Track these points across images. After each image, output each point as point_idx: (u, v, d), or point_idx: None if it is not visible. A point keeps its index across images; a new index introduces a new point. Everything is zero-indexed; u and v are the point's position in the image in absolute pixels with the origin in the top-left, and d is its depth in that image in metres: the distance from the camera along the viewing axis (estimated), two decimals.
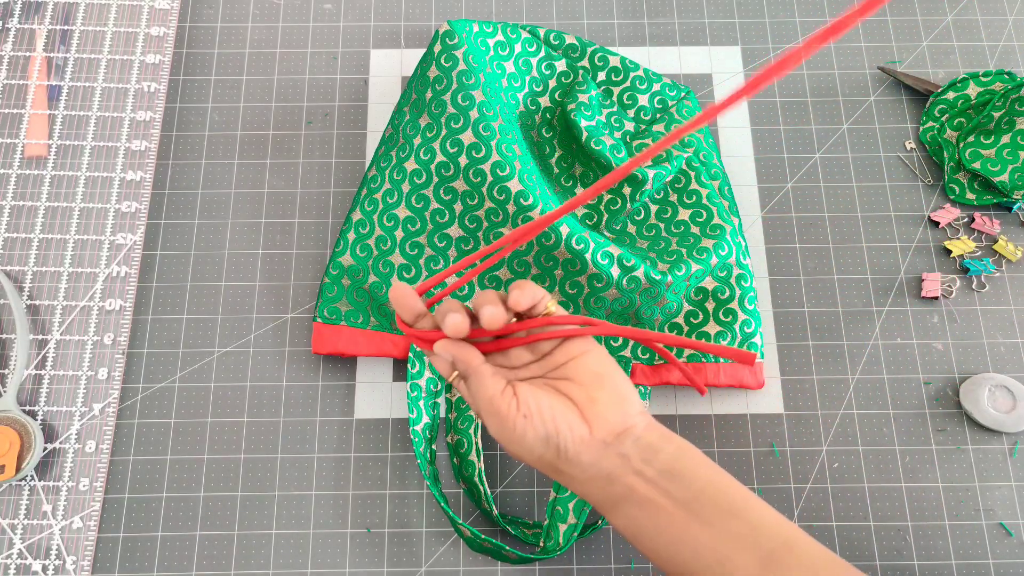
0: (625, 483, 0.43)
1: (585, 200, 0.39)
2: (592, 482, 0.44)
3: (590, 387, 0.44)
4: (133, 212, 0.66)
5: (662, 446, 0.44)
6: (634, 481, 0.43)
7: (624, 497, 0.44)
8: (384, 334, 0.61)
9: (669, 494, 0.43)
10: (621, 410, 0.44)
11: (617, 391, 0.45)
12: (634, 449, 0.43)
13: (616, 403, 0.44)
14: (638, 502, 0.43)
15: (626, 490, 0.43)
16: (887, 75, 0.72)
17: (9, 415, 0.59)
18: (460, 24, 0.64)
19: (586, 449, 0.43)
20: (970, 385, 0.62)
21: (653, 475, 0.43)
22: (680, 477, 0.43)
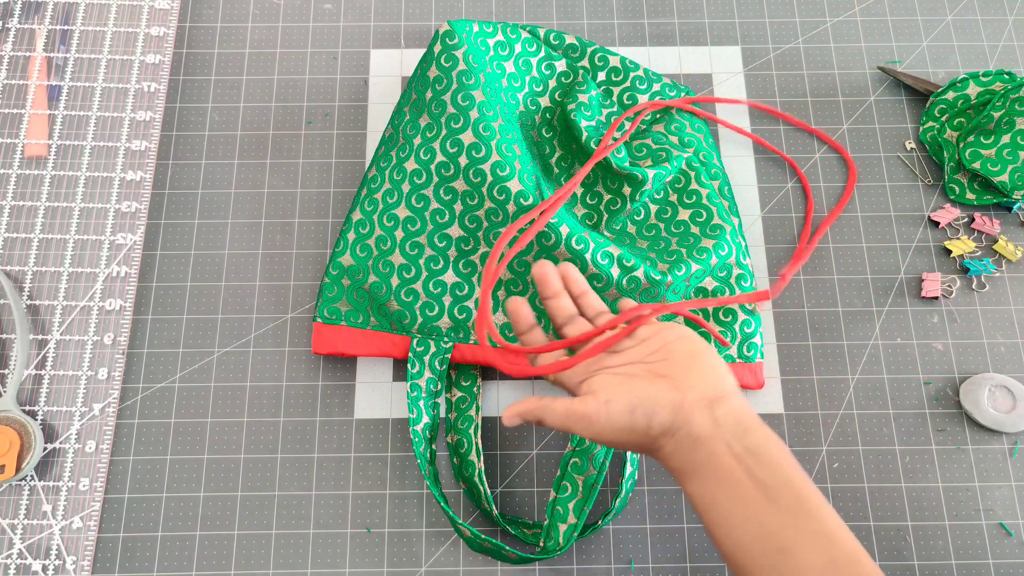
0: (710, 449, 0.44)
1: (570, 189, 0.40)
2: (679, 446, 0.45)
3: (685, 363, 0.47)
4: (133, 212, 0.66)
5: (754, 428, 0.45)
6: (721, 449, 0.44)
7: (706, 464, 0.45)
8: (384, 334, 0.61)
9: (752, 473, 0.44)
10: (715, 381, 0.46)
11: (713, 367, 0.47)
12: (727, 420, 0.45)
13: (710, 374, 0.47)
14: (719, 472, 0.44)
15: (709, 457, 0.45)
16: (887, 75, 0.72)
17: (9, 415, 0.59)
18: (460, 24, 0.64)
19: (677, 410, 0.45)
20: (970, 385, 0.62)
21: (740, 450, 0.44)
22: (766, 461, 0.44)
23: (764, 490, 0.43)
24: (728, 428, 0.45)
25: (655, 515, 0.60)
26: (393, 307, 0.61)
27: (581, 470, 0.58)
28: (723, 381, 0.47)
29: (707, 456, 0.45)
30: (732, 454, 0.44)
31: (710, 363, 0.47)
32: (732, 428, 0.45)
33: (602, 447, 0.58)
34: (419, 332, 0.61)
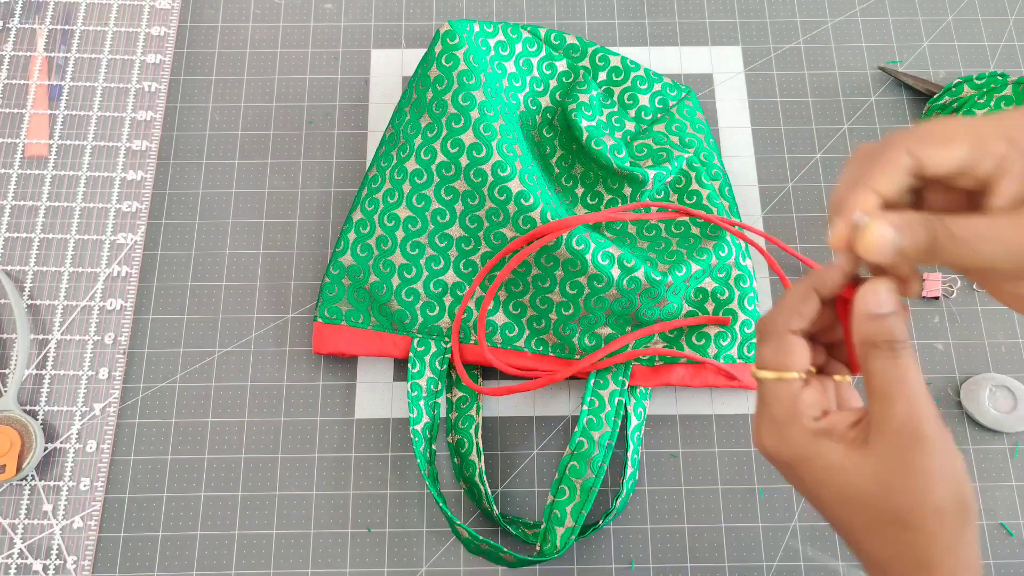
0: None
1: (595, 219, 0.40)
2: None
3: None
4: (134, 212, 0.66)
5: None
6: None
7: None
8: (384, 334, 0.61)
9: None
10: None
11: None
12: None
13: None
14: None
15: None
16: (888, 75, 0.72)
17: (10, 415, 0.59)
18: (461, 24, 0.64)
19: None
20: (971, 385, 0.62)
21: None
22: None
23: None
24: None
25: (656, 515, 0.60)
26: (394, 307, 0.61)
27: (579, 473, 0.58)
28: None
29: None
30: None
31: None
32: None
33: (600, 451, 0.58)
34: (419, 332, 0.61)
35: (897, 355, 0.34)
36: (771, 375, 0.36)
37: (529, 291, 0.61)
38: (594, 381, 0.60)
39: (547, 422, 0.62)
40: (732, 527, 0.59)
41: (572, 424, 0.62)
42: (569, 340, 0.61)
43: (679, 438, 0.62)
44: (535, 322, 0.61)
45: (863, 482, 0.33)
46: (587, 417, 0.59)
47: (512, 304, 0.62)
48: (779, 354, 0.35)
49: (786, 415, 0.35)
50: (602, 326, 0.61)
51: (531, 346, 0.61)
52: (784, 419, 0.35)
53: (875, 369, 0.34)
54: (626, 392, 0.60)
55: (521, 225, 0.59)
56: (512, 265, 0.58)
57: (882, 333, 0.34)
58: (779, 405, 0.35)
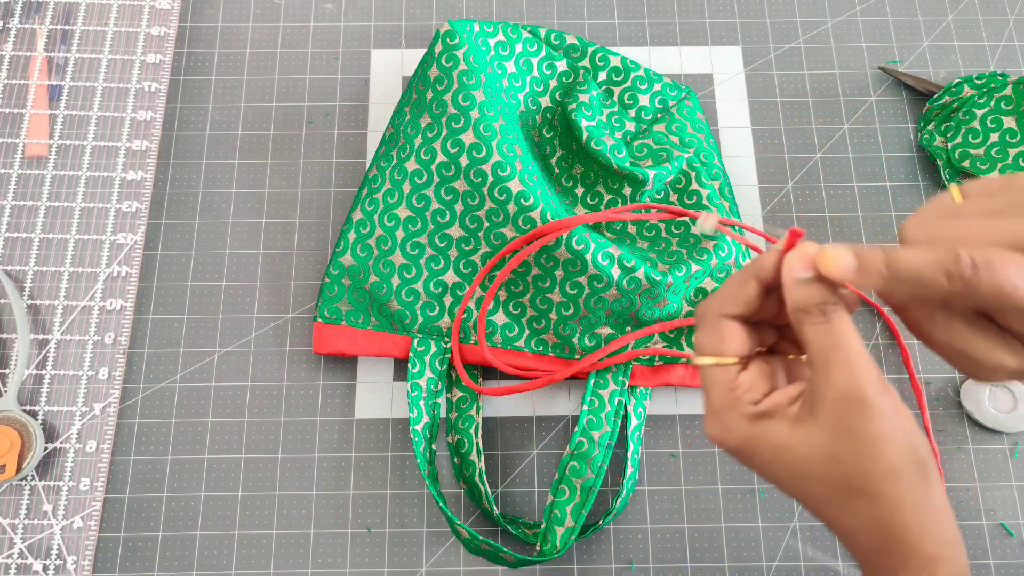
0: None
1: (595, 219, 0.40)
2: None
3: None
4: (134, 212, 0.66)
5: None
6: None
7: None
8: (384, 334, 0.61)
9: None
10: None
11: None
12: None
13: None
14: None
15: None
16: (888, 75, 0.72)
17: (10, 415, 0.59)
18: (461, 24, 0.64)
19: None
20: (971, 385, 0.62)
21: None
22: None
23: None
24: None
25: (656, 515, 0.60)
26: (394, 307, 0.61)
27: (579, 474, 0.58)
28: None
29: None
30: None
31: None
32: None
33: (600, 451, 0.58)
34: (420, 332, 0.61)
35: (829, 319, 0.33)
36: (708, 360, 0.35)
37: (529, 291, 0.61)
38: (594, 381, 0.60)
39: (547, 422, 0.62)
40: (732, 527, 0.59)
41: (572, 424, 0.62)
42: (569, 340, 0.61)
43: (679, 438, 0.62)
44: (535, 322, 0.61)
45: (812, 456, 0.33)
46: (587, 417, 0.59)
47: (512, 304, 0.62)
48: (714, 339, 0.35)
49: (724, 401, 0.35)
50: (602, 326, 0.61)
51: (531, 346, 0.61)
52: (722, 405, 0.35)
53: (810, 337, 0.33)
54: (626, 392, 0.60)
55: (521, 225, 0.60)
56: (512, 265, 0.59)
57: (811, 297, 0.33)
58: (716, 391, 0.35)
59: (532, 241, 0.59)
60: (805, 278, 0.33)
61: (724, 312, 0.35)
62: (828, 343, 0.33)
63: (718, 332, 0.35)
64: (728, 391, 0.34)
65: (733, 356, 0.35)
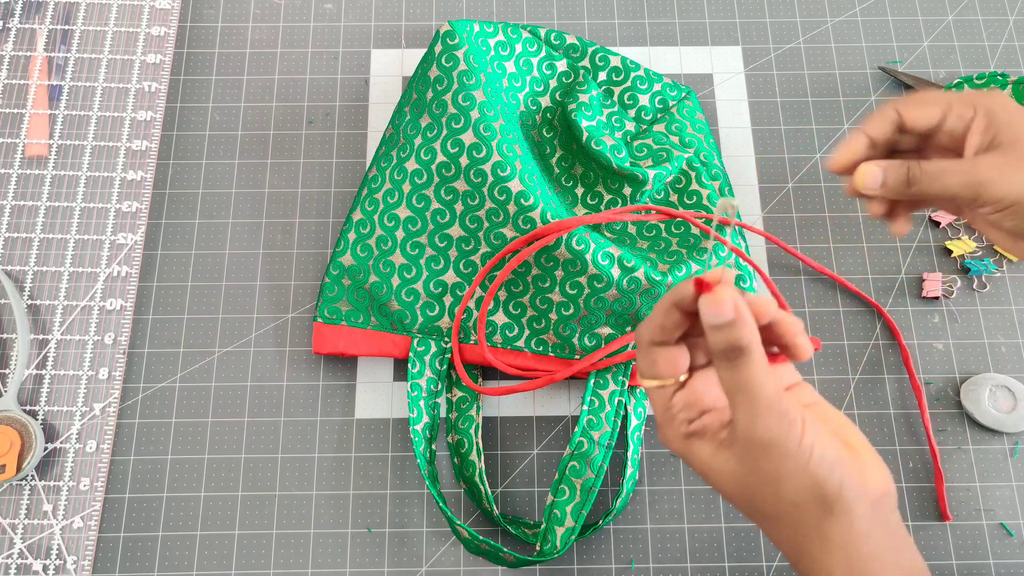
0: (869, 551, 0.36)
1: (595, 220, 0.40)
2: (844, 533, 0.36)
3: (847, 435, 0.38)
4: (134, 212, 0.66)
5: (907, 548, 0.37)
6: (876, 553, 0.36)
7: (856, 561, 0.36)
8: (384, 334, 0.61)
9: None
10: (883, 470, 0.38)
11: (873, 452, 0.38)
12: (895, 527, 0.37)
13: (877, 462, 0.38)
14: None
15: (868, 558, 0.36)
16: (888, 75, 0.72)
17: (10, 415, 0.59)
18: (461, 24, 0.64)
19: (862, 498, 0.36)
20: (971, 385, 0.62)
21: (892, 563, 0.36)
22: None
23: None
24: (890, 535, 0.37)
25: (656, 515, 0.60)
26: (394, 307, 0.61)
27: (579, 473, 0.58)
28: (884, 470, 0.38)
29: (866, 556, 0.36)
30: (886, 563, 0.36)
31: (868, 445, 0.38)
32: (893, 538, 0.37)
33: (600, 451, 0.58)
34: (419, 332, 0.61)
35: (734, 364, 0.35)
36: (648, 383, 0.38)
37: (529, 291, 0.61)
38: (594, 381, 0.60)
39: (547, 422, 0.62)
40: (732, 527, 0.59)
41: (572, 424, 0.62)
42: (569, 340, 0.61)
43: None
44: (535, 322, 0.61)
45: (728, 482, 0.36)
46: (587, 417, 0.59)
47: (512, 304, 0.62)
48: (648, 364, 0.37)
49: (662, 417, 0.38)
50: (602, 326, 0.61)
51: (531, 346, 0.61)
52: (661, 421, 0.38)
53: (720, 375, 0.35)
54: (626, 392, 0.60)
55: (521, 225, 0.60)
56: (512, 265, 0.59)
57: (720, 342, 0.35)
58: (657, 408, 0.38)
59: (532, 242, 0.59)
60: (715, 323, 0.34)
61: (653, 339, 0.37)
62: (733, 385, 0.35)
63: (650, 358, 0.37)
64: (665, 409, 0.37)
65: (667, 378, 0.37)
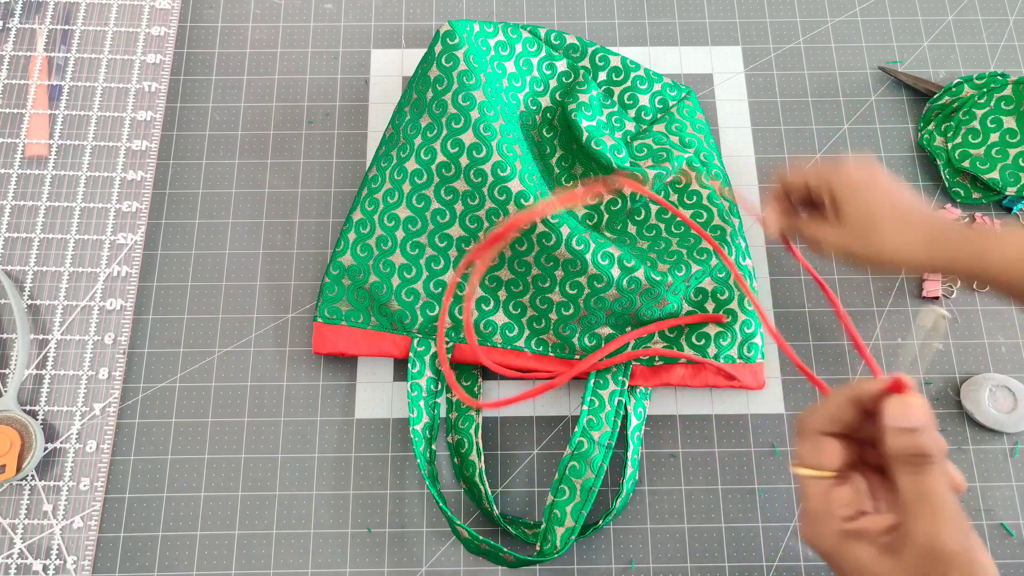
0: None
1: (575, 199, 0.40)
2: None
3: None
4: (134, 212, 0.66)
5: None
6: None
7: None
8: (384, 334, 0.61)
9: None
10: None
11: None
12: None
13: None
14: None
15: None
16: (888, 75, 0.72)
17: (10, 415, 0.59)
18: (461, 24, 0.64)
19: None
20: (971, 385, 0.62)
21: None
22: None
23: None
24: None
25: (656, 515, 0.60)
26: (394, 307, 0.61)
27: (579, 474, 0.58)
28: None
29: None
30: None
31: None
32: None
33: (600, 451, 0.58)
34: (420, 332, 0.61)
35: (920, 471, 0.35)
36: (806, 472, 0.37)
37: (529, 291, 0.61)
38: (594, 381, 0.60)
39: (547, 422, 0.62)
40: (732, 527, 0.59)
41: (572, 424, 0.62)
42: (569, 340, 0.61)
43: (679, 438, 0.62)
44: (535, 322, 0.61)
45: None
46: (587, 417, 0.59)
47: (512, 304, 0.62)
48: (813, 453, 0.37)
49: (818, 510, 0.37)
50: (602, 326, 0.61)
51: (531, 346, 0.61)
52: (817, 514, 0.37)
53: (901, 482, 0.35)
54: (626, 392, 0.60)
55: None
56: (489, 248, 0.57)
57: (907, 448, 0.35)
58: (813, 500, 0.37)
59: (504, 236, 0.59)
60: (904, 426, 0.35)
61: (822, 429, 0.37)
62: (916, 492, 0.35)
63: (817, 447, 0.37)
64: (823, 502, 0.36)
65: (830, 471, 0.37)
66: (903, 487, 0.35)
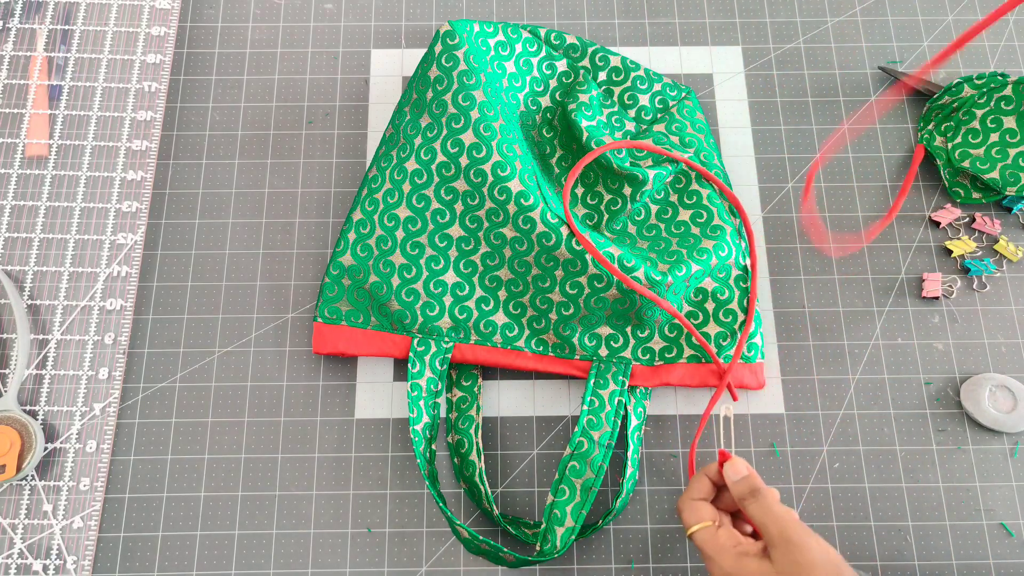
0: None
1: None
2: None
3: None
4: (134, 212, 0.66)
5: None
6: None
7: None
8: (384, 334, 0.61)
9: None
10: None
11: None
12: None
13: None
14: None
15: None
16: (888, 75, 0.72)
17: (10, 415, 0.59)
18: (461, 24, 0.64)
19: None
20: (971, 385, 0.62)
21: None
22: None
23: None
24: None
25: (656, 515, 0.60)
26: (394, 307, 0.61)
27: (579, 474, 0.58)
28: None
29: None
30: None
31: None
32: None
33: (600, 451, 0.58)
34: (420, 332, 0.61)
35: (757, 498, 0.50)
36: (695, 527, 0.51)
37: (529, 291, 0.61)
38: (594, 381, 0.60)
39: (547, 422, 0.62)
40: None
41: (572, 424, 0.62)
42: (569, 340, 0.61)
43: (679, 438, 0.62)
44: (535, 322, 0.61)
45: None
46: (587, 417, 0.59)
47: (512, 304, 0.62)
48: (694, 514, 0.52)
49: (714, 549, 0.50)
50: (602, 326, 0.61)
51: (531, 346, 0.61)
52: (714, 552, 0.50)
53: (750, 511, 0.50)
54: (626, 392, 0.60)
55: (521, 225, 0.60)
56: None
57: (744, 489, 0.51)
58: (707, 545, 0.50)
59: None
60: (736, 480, 0.52)
61: (692, 498, 0.53)
62: (762, 512, 0.50)
63: (694, 509, 0.52)
64: (714, 544, 0.50)
65: (708, 521, 0.51)
66: (752, 514, 0.50)
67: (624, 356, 0.61)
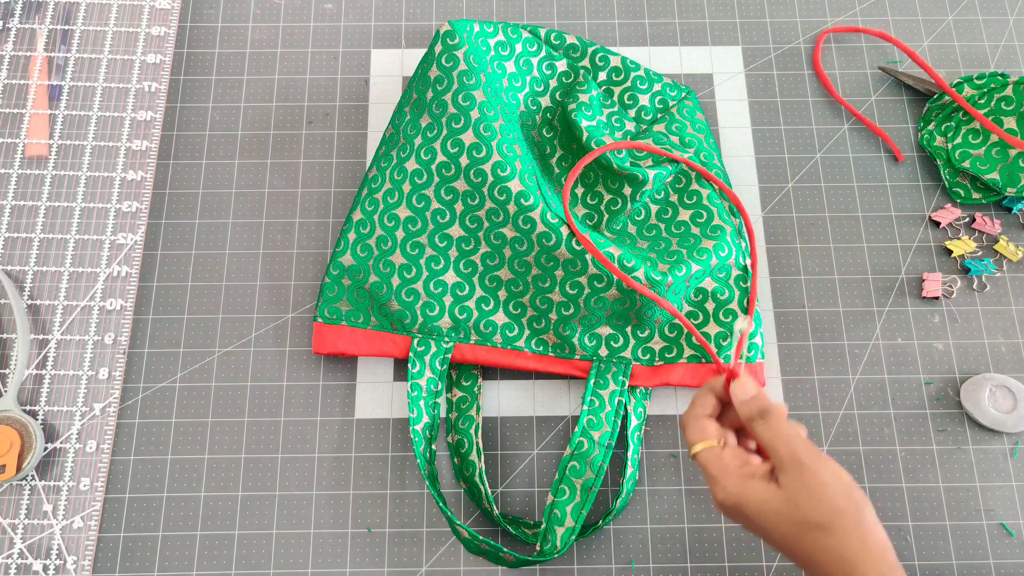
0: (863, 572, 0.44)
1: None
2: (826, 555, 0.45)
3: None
4: (134, 212, 0.66)
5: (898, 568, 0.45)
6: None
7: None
8: (384, 334, 0.61)
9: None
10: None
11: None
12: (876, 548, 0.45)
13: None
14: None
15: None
16: (888, 75, 0.72)
17: (10, 415, 0.59)
18: (461, 24, 0.64)
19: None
20: (971, 385, 0.62)
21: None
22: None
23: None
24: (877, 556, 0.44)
25: (656, 515, 0.60)
26: (394, 307, 0.61)
27: (579, 473, 0.58)
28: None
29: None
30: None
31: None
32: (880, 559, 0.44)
33: (600, 451, 0.58)
34: (420, 332, 0.61)
35: (767, 419, 0.47)
36: (699, 447, 0.48)
37: (529, 291, 0.61)
38: (594, 381, 0.60)
39: (547, 422, 0.62)
40: (732, 527, 0.59)
41: (572, 424, 0.62)
42: (569, 340, 0.61)
43: (679, 438, 0.62)
44: (535, 322, 0.61)
45: (782, 505, 0.45)
46: (587, 417, 0.59)
47: (512, 304, 0.62)
48: (698, 432, 0.49)
49: (719, 470, 0.47)
50: (602, 326, 0.61)
51: (531, 346, 0.61)
52: (719, 474, 0.47)
53: (758, 432, 0.47)
54: (626, 392, 0.60)
55: (521, 225, 0.60)
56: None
57: (752, 409, 0.48)
58: (712, 466, 0.47)
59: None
60: (745, 399, 0.48)
61: (697, 415, 0.50)
62: (770, 434, 0.47)
63: (699, 427, 0.49)
64: (719, 464, 0.47)
65: (713, 440, 0.48)
66: (760, 435, 0.47)
67: (624, 356, 0.61)
